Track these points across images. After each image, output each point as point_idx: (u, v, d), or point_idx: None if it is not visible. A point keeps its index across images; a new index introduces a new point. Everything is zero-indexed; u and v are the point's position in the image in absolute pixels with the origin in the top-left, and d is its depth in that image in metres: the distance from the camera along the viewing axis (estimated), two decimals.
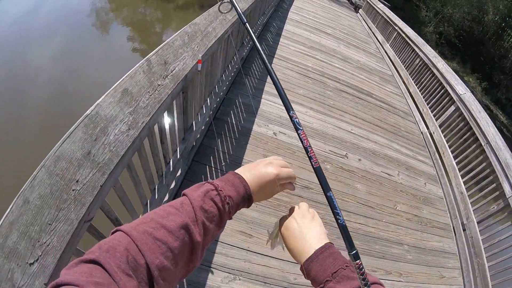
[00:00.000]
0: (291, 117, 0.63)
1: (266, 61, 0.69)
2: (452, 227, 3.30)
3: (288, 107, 0.63)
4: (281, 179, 0.65)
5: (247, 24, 0.81)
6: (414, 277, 2.64)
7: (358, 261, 0.53)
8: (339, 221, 0.56)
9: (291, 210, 0.73)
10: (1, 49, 6.52)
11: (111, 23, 9.48)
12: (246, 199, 0.59)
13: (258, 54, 0.71)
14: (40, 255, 0.78)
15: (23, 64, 6.28)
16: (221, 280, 2.04)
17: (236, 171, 0.62)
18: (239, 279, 2.08)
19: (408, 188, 3.50)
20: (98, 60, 7.18)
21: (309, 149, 0.60)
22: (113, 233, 0.44)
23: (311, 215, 0.70)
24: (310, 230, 0.66)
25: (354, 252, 0.53)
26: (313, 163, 0.59)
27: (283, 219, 0.72)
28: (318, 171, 0.59)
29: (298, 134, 0.61)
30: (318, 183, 0.60)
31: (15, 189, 0.83)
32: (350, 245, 0.54)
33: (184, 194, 0.54)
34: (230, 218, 0.58)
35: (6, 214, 0.78)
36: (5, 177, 3.79)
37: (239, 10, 0.91)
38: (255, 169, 0.63)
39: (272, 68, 0.73)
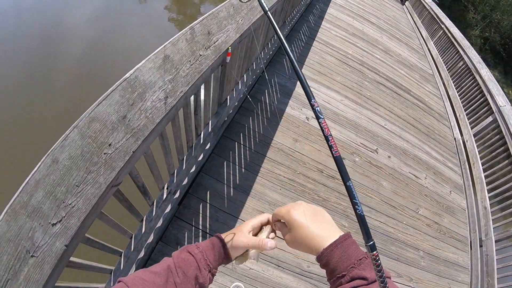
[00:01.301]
0: (312, 106, 0.59)
1: (285, 43, 0.62)
2: (469, 241, 3.16)
3: (309, 96, 0.60)
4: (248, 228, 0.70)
5: (268, 12, 0.73)
6: (424, 284, 2.58)
7: (374, 252, 0.49)
8: (357, 211, 0.52)
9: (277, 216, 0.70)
10: (39, 7, 6.64)
11: None
12: (223, 252, 0.66)
13: (277, 37, 0.64)
14: (64, 216, 0.76)
15: (59, 22, 6.38)
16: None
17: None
18: (253, 259, 2.06)
19: (433, 194, 3.36)
20: (134, 25, 7.21)
21: (329, 138, 0.57)
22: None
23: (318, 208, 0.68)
24: (327, 218, 0.65)
25: (371, 243, 0.49)
26: (333, 152, 0.56)
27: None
28: (338, 160, 0.55)
29: (319, 123, 0.58)
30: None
31: (46, 149, 0.79)
32: (367, 235, 0.50)
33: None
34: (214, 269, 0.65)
35: (33, 172, 0.75)
36: (37, 136, 3.90)
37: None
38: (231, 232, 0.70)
39: (294, 56, 0.66)
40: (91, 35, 6.34)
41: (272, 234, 0.70)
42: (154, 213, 1.65)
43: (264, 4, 0.78)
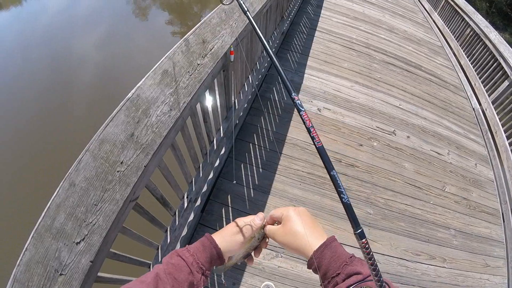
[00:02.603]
0: (293, 99, 0.63)
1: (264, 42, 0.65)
2: (501, 213, 3.03)
3: (289, 90, 0.64)
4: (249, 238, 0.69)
5: (248, 13, 0.76)
6: (459, 263, 2.50)
7: (363, 240, 0.50)
8: (343, 199, 0.55)
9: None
10: (47, 37, 6.93)
11: (150, 9, 9.70)
12: (215, 253, 0.64)
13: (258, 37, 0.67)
14: (87, 234, 0.81)
15: (68, 52, 6.67)
16: (263, 256, 2.07)
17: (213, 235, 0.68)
18: (281, 256, 2.10)
19: (458, 169, 3.26)
20: (140, 43, 7.42)
21: (311, 130, 0.60)
22: None
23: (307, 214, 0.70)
24: (315, 224, 0.67)
25: (360, 230, 0.51)
26: (316, 143, 0.59)
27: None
28: (321, 150, 0.59)
29: (301, 115, 0.62)
30: (362, 161, 0.58)
31: (63, 173, 0.85)
32: (355, 223, 0.53)
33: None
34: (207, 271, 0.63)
35: (53, 197, 0.81)
36: (52, 161, 4.08)
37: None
38: (223, 231, 0.69)
39: (272, 52, 0.68)
40: (100, 60, 6.56)
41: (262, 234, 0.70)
42: (177, 223, 1.70)
43: (243, 5, 0.81)
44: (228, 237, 0.66)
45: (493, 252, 2.69)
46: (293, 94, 0.63)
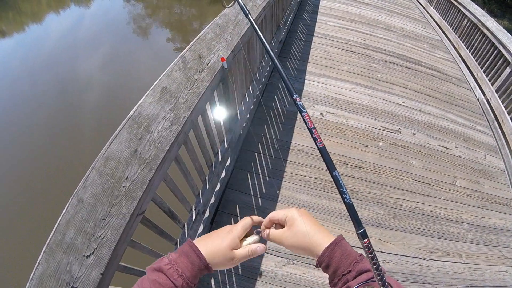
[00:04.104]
0: (294, 101, 0.63)
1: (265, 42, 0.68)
2: None
3: (291, 91, 0.64)
4: (235, 245, 0.64)
5: (249, 15, 0.79)
6: (475, 258, 2.45)
7: (366, 239, 0.50)
8: (345, 199, 0.55)
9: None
10: (52, 62, 7.12)
11: (150, 28, 9.92)
12: (203, 268, 0.59)
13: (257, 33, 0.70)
14: (96, 248, 0.85)
15: (73, 75, 6.84)
16: (274, 264, 2.07)
17: (194, 240, 0.63)
18: (293, 263, 2.10)
19: (467, 161, 3.23)
20: (143, 62, 7.57)
21: (313, 131, 0.60)
22: None
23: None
24: (318, 223, 0.66)
25: (362, 230, 0.52)
26: (317, 144, 0.59)
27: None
28: (323, 151, 0.59)
29: (302, 117, 0.61)
30: (369, 162, 0.59)
31: (72, 191, 0.90)
32: (357, 223, 0.53)
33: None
34: (195, 286, 0.58)
35: (62, 213, 0.86)
36: (62, 180, 4.20)
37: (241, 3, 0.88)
38: (210, 238, 0.64)
39: (273, 52, 0.71)
40: (106, 81, 6.71)
41: (257, 238, 0.67)
42: (186, 235, 1.73)
43: (245, 7, 0.84)
44: (222, 253, 0.61)
45: (510, 243, 2.64)
46: (295, 95, 0.63)
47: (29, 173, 4.64)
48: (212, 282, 1.93)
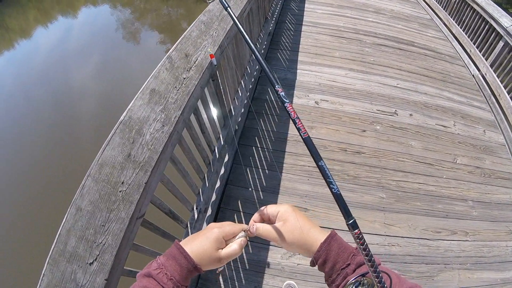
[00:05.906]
0: (276, 92, 0.62)
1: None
2: None
3: (273, 82, 0.62)
4: (221, 244, 0.63)
5: (229, 9, 0.78)
6: (482, 235, 2.46)
7: (356, 230, 0.50)
8: (333, 190, 0.54)
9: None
10: (45, 75, 7.13)
11: (140, 32, 9.88)
12: (193, 269, 0.58)
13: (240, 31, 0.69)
14: (98, 254, 0.86)
15: (66, 86, 6.86)
16: (281, 256, 2.09)
17: (181, 242, 0.62)
18: (299, 255, 2.10)
19: (466, 139, 3.22)
20: (136, 67, 7.56)
21: (297, 121, 0.59)
22: None
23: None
24: (311, 221, 0.65)
25: (352, 221, 0.51)
26: (302, 134, 0.58)
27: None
28: (308, 142, 0.58)
29: (285, 107, 0.60)
30: (368, 146, 0.57)
31: (71, 199, 0.91)
32: (346, 214, 0.52)
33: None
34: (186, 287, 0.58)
35: (62, 223, 0.87)
36: (62, 191, 4.24)
37: None
38: (196, 239, 0.63)
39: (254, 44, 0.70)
40: (100, 89, 6.71)
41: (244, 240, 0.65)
42: (190, 234, 1.74)
43: (224, 0, 0.83)
44: (210, 255, 0.61)
45: None
46: (276, 86, 0.62)
47: (29, 187, 4.69)
48: (220, 279, 1.95)
